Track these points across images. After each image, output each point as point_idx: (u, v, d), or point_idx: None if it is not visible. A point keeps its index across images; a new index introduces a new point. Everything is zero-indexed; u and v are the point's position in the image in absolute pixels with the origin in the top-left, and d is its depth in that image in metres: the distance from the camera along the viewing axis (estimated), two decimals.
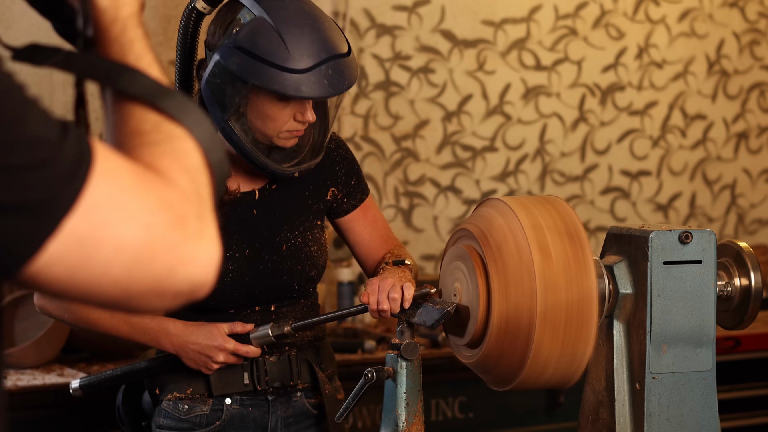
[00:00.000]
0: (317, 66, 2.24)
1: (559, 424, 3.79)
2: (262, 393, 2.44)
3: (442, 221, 4.46)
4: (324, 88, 2.25)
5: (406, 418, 2.20)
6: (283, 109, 2.29)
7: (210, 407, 2.42)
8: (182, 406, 2.41)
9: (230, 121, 2.28)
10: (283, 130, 2.31)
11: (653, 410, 2.02)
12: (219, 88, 2.27)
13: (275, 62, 2.22)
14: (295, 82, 2.22)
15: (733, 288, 2.10)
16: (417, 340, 2.22)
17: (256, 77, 2.22)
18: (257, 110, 2.29)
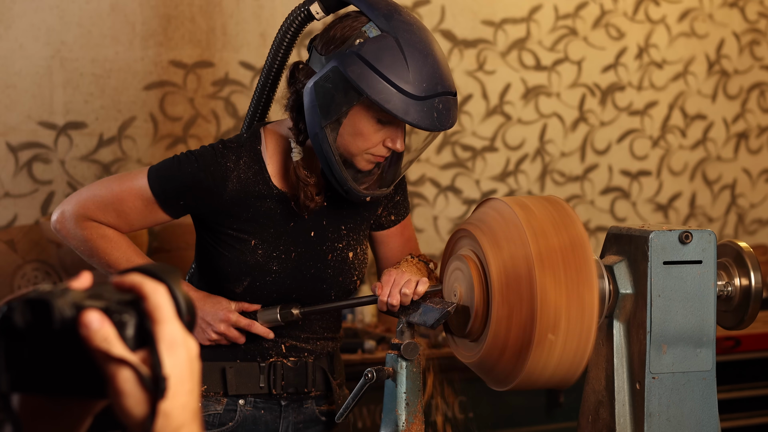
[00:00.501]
0: (432, 97, 2.25)
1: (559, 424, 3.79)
2: (276, 397, 2.44)
3: (442, 221, 4.46)
4: (432, 120, 2.25)
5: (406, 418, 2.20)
6: (378, 131, 2.28)
7: (224, 407, 2.41)
8: None
9: (326, 128, 2.26)
10: (368, 152, 2.30)
11: (653, 410, 2.02)
12: (328, 93, 2.25)
13: (394, 82, 2.21)
14: (407, 106, 2.22)
15: (733, 288, 2.10)
16: (416, 340, 2.23)
17: (372, 91, 2.21)
18: (352, 125, 2.27)
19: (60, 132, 3.85)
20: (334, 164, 2.28)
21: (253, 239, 2.36)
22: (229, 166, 2.34)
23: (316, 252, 2.41)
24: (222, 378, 2.40)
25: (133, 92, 3.93)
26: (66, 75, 3.85)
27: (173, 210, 2.37)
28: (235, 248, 2.36)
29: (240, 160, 2.35)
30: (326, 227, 2.42)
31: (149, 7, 3.92)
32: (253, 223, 2.36)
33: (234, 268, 2.36)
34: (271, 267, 2.36)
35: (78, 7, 3.85)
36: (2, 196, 3.80)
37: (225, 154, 2.35)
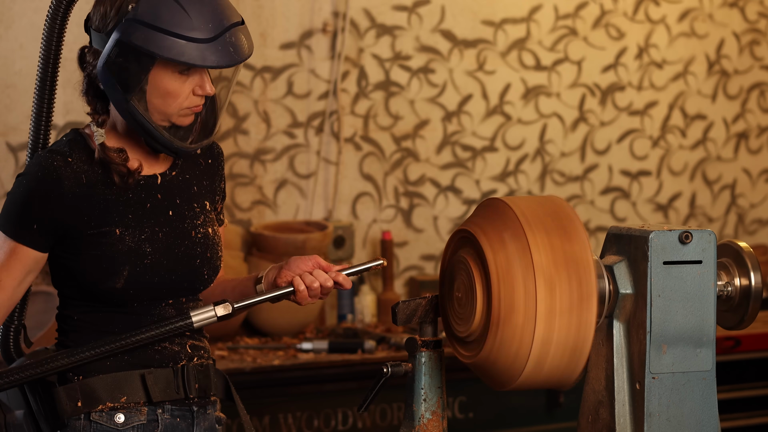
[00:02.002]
0: (221, 34, 2.21)
1: (559, 424, 3.79)
2: (188, 403, 2.36)
3: (442, 221, 4.46)
4: (230, 56, 2.22)
5: (422, 413, 2.19)
6: (183, 84, 2.25)
7: (146, 417, 2.32)
8: (119, 416, 2.30)
9: (133, 101, 2.23)
10: (183, 107, 2.27)
11: (653, 410, 2.02)
12: (122, 67, 2.21)
13: (181, 33, 2.18)
14: (202, 51, 2.20)
15: (733, 288, 2.10)
16: None
17: (163, 50, 2.18)
18: (157, 88, 2.24)
19: (60, 132, 3.85)
20: (153, 131, 2.25)
21: (117, 228, 2.29)
22: (57, 165, 2.26)
23: (181, 229, 2.35)
24: (143, 385, 2.31)
25: None
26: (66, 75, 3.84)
27: (33, 241, 2.27)
28: (102, 243, 2.28)
29: (68, 158, 2.27)
30: (181, 205, 2.37)
31: None
32: (110, 213, 2.29)
33: (108, 263, 2.28)
34: (144, 249, 2.29)
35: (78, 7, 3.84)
36: (2, 196, 3.80)
37: (50, 156, 2.27)
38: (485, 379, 2.10)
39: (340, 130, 4.26)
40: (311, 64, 4.24)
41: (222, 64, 2.22)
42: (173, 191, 2.37)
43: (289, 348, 3.75)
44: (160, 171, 2.37)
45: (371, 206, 4.34)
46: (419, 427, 2.20)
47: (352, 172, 4.31)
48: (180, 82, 2.25)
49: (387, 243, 4.23)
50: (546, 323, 1.95)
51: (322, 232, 4.00)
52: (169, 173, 2.38)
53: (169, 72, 2.23)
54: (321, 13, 4.24)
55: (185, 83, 2.25)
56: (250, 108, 4.13)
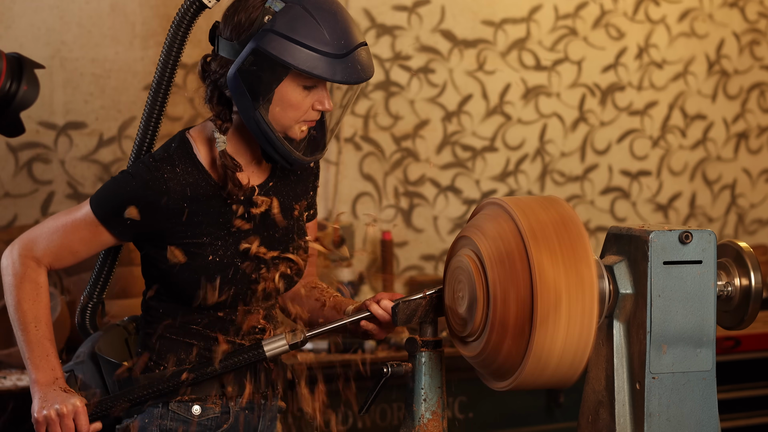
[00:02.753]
0: (351, 52, 2.27)
1: (559, 424, 3.79)
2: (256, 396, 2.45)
3: (442, 221, 4.46)
4: (357, 73, 2.28)
5: (422, 413, 2.20)
6: (306, 98, 2.31)
7: (220, 410, 2.40)
8: (196, 408, 2.39)
9: (261, 110, 2.29)
10: (300, 120, 2.32)
11: (653, 410, 2.02)
12: (254, 75, 2.28)
13: (315, 47, 2.24)
14: (333, 66, 2.25)
15: (733, 288, 2.10)
16: None
17: (297, 61, 2.24)
18: (281, 99, 2.30)
19: (60, 132, 3.85)
20: (275, 141, 2.30)
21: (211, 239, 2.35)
22: (165, 176, 2.34)
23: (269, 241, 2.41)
24: (219, 382, 2.40)
25: (133, 92, 3.93)
26: (66, 75, 3.85)
27: (119, 230, 2.36)
28: (197, 253, 2.35)
29: (176, 168, 2.35)
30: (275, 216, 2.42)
31: (149, 7, 3.92)
32: (206, 225, 2.35)
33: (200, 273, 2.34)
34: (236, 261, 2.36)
35: (78, 7, 3.85)
36: (2, 196, 3.80)
37: (158, 166, 2.35)
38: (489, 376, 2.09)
39: (340, 130, 4.26)
40: None
41: (350, 81, 2.27)
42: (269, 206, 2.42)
43: None
44: (258, 182, 2.43)
45: (371, 206, 4.34)
46: (419, 427, 2.20)
47: (352, 172, 4.32)
48: (303, 96, 2.30)
49: (387, 243, 4.23)
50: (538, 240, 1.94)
51: (321, 232, 4.00)
52: (266, 184, 2.43)
53: (295, 85, 2.29)
54: None
55: (307, 97, 2.31)
56: None
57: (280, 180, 2.45)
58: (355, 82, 2.28)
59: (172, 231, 2.35)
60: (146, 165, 2.36)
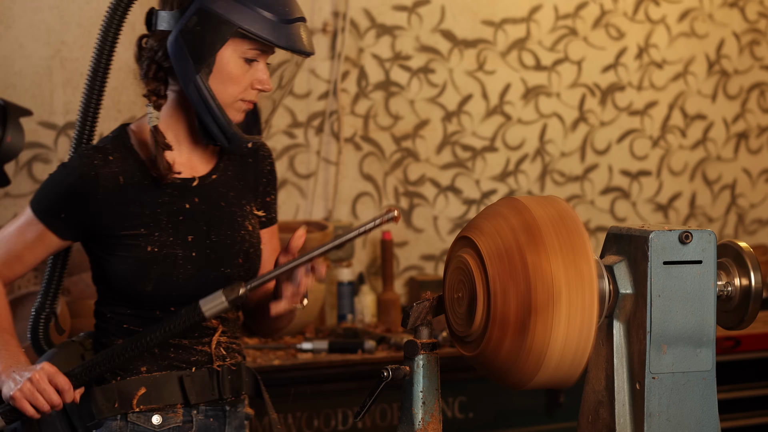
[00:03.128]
0: (295, 21, 2.24)
1: (559, 424, 3.79)
2: (221, 403, 2.38)
3: (442, 221, 4.46)
4: (302, 43, 2.24)
5: (422, 416, 2.19)
6: (246, 73, 2.26)
7: (182, 419, 2.34)
8: (156, 417, 2.32)
9: (201, 75, 2.24)
10: (238, 98, 2.27)
11: (653, 410, 2.02)
12: (198, 35, 2.23)
13: (261, 10, 2.21)
14: (278, 32, 2.21)
15: (733, 288, 2.10)
16: None
17: (244, 20, 2.20)
18: (220, 71, 2.25)
19: (60, 132, 3.85)
20: (215, 110, 2.25)
21: (149, 230, 2.29)
22: (97, 164, 2.28)
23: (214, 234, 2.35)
24: (180, 387, 2.32)
25: (133, 92, 3.92)
26: (66, 75, 3.85)
27: (59, 228, 2.31)
28: (133, 245, 2.28)
29: (109, 156, 2.29)
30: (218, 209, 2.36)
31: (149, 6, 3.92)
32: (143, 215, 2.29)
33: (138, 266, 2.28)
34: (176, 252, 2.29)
35: (78, 7, 3.85)
36: (2, 196, 3.80)
37: (91, 154, 2.29)
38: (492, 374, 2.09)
39: (340, 130, 4.26)
40: (311, 64, 4.23)
41: (296, 48, 2.24)
42: (211, 194, 2.36)
43: (289, 348, 3.75)
44: (200, 174, 2.37)
45: (371, 206, 4.34)
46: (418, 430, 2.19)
47: (352, 172, 4.32)
48: (243, 70, 2.26)
49: (387, 243, 4.23)
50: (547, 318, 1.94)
51: (322, 232, 4.00)
52: (208, 176, 2.38)
53: (236, 56, 2.24)
54: (321, 13, 4.24)
55: (247, 73, 2.26)
56: None
57: (224, 174, 2.39)
58: (301, 50, 2.24)
59: (108, 223, 2.29)
60: (80, 153, 2.30)
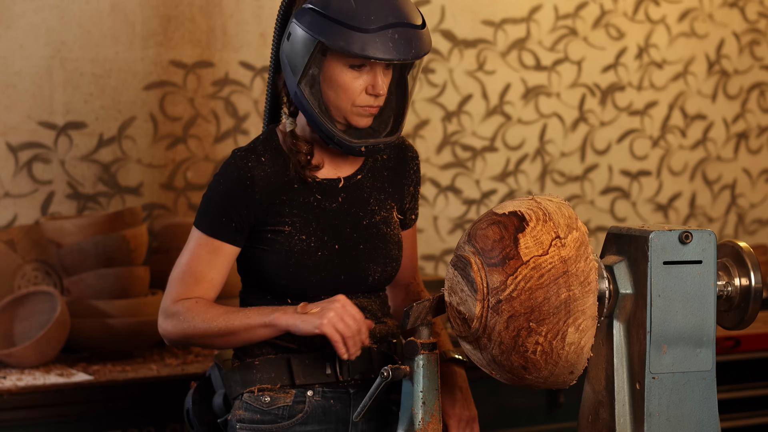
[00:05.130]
0: (384, 29, 2.27)
1: (559, 424, 3.79)
2: (344, 386, 2.43)
3: (442, 221, 4.46)
4: (389, 51, 2.28)
5: (422, 416, 2.19)
6: (356, 80, 2.32)
7: (293, 399, 2.40)
8: (264, 398, 2.39)
9: (301, 85, 2.32)
10: (356, 104, 2.33)
11: (653, 410, 2.02)
12: (292, 51, 2.32)
13: (342, 20, 2.26)
14: (360, 41, 2.26)
15: (733, 288, 2.10)
16: None
17: (322, 34, 2.27)
18: (330, 79, 2.32)
19: (60, 132, 3.85)
20: (317, 118, 2.33)
21: (291, 227, 2.39)
22: (251, 165, 2.37)
23: (353, 233, 2.44)
24: (288, 369, 2.40)
25: (133, 92, 3.93)
26: (66, 75, 3.85)
27: (230, 235, 2.38)
28: (275, 240, 2.38)
29: (261, 158, 2.39)
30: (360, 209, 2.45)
31: (149, 7, 3.92)
32: (288, 213, 2.39)
33: (277, 259, 2.37)
34: (312, 250, 2.38)
35: (78, 7, 3.85)
36: (2, 196, 3.80)
37: (244, 156, 2.39)
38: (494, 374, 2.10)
39: None
40: None
41: (378, 56, 2.27)
42: (355, 195, 2.46)
43: None
44: (345, 174, 2.46)
45: None
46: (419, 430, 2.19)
47: None
48: (352, 77, 2.32)
49: None
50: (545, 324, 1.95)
51: None
52: (354, 176, 2.46)
53: (341, 64, 2.31)
54: None
55: (358, 79, 2.33)
56: (250, 108, 4.12)
57: (369, 174, 2.48)
58: (383, 58, 2.27)
59: (260, 219, 2.38)
60: (233, 159, 2.39)
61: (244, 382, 2.41)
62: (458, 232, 4.43)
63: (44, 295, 3.41)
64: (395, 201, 2.55)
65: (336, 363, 2.41)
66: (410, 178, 2.61)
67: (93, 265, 3.47)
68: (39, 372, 3.26)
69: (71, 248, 3.47)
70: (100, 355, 3.47)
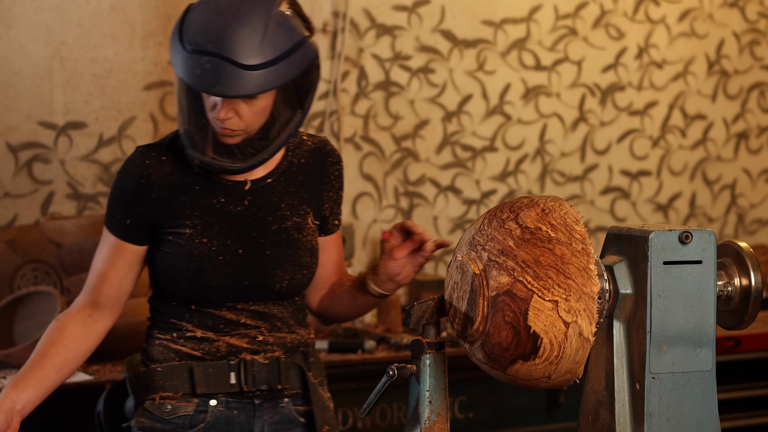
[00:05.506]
0: (198, 53, 2.19)
1: (559, 424, 3.79)
2: (249, 396, 2.37)
3: (442, 221, 4.46)
4: (194, 77, 2.19)
5: (428, 416, 2.19)
6: (206, 100, 2.27)
7: (194, 408, 2.34)
8: (166, 406, 2.33)
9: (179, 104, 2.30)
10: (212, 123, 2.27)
11: (653, 410, 2.02)
12: None
13: (179, 33, 2.23)
14: (178, 58, 2.22)
15: (733, 288, 2.10)
16: None
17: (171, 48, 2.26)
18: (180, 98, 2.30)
19: (60, 132, 3.85)
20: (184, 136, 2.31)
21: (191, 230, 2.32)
22: (148, 164, 2.31)
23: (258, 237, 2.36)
24: (190, 377, 2.33)
25: (133, 92, 3.93)
26: (66, 75, 3.85)
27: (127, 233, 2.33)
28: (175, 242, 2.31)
29: (162, 156, 2.33)
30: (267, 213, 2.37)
31: (149, 7, 3.92)
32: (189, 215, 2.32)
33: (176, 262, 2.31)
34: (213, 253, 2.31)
35: (78, 7, 3.85)
36: (2, 196, 3.80)
37: (144, 153, 2.34)
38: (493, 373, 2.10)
39: (340, 130, 4.26)
40: None
41: (185, 80, 2.21)
42: (262, 198, 2.37)
43: None
44: (254, 177, 2.38)
45: (371, 206, 4.35)
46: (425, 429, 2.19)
47: (352, 172, 4.31)
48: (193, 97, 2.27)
49: None
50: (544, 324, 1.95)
51: None
52: (263, 180, 2.38)
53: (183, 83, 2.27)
54: (321, 13, 4.24)
55: (207, 100, 2.27)
56: None
57: (282, 178, 2.40)
58: (188, 82, 2.20)
59: (157, 218, 2.32)
60: (133, 154, 2.35)
61: (147, 388, 2.35)
62: (458, 232, 4.43)
63: (44, 295, 3.41)
64: (311, 207, 2.42)
65: (240, 372, 2.34)
66: (330, 184, 2.46)
67: None
68: None
69: (71, 248, 3.47)
70: (100, 355, 3.46)
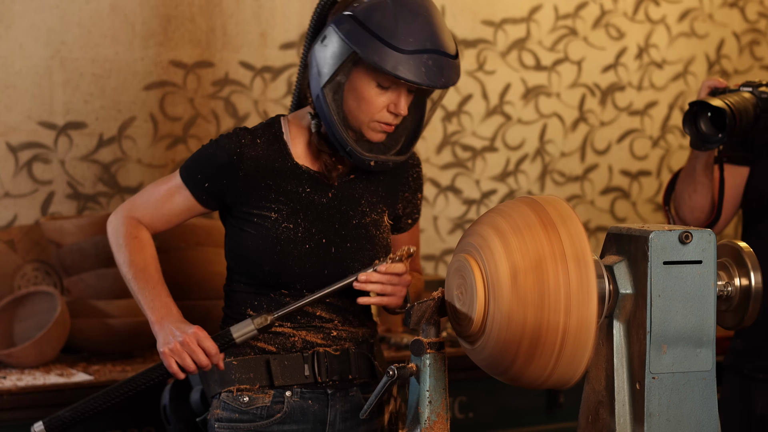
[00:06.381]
0: (419, 52, 2.29)
1: (559, 424, 3.79)
2: (322, 386, 2.47)
3: (442, 221, 4.46)
4: (421, 75, 2.29)
5: (428, 415, 2.19)
6: (380, 96, 2.35)
7: (271, 399, 2.44)
8: (243, 397, 2.43)
9: (325, 89, 2.35)
10: (374, 119, 2.36)
11: (653, 410, 2.02)
12: (324, 54, 2.34)
13: (381, 36, 2.28)
14: (395, 60, 2.28)
15: (733, 288, 2.10)
16: None
17: (359, 46, 2.29)
18: (355, 90, 2.35)
19: (60, 132, 3.85)
20: (334, 124, 2.36)
21: (277, 214, 2.42)
22: (243, 143, 2.42)
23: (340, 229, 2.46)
24: (267, 370, 2.43)
25: (133, 92, 3.93)
26: (66, 75, 3.85)
27: (200, 195, 2.45)
28: (261, 225, 2.41)
29: (257, 140, 2.43)
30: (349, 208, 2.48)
31: (149, 7, 3.92)
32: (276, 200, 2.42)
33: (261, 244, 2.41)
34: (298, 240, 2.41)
35: (78, 7, 3.85)
36: (2, 196, 3.80)
37: (241, 133, 2.44)
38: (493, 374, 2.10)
39: None
40: None
41: (409, 79, 2.30)
42: (345, 192, 2.48)
43: None
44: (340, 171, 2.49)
45: None
46: (425, 429, 2.19)
47: None
48: (377, 92, 2.35)
49: None
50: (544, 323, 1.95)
51: None
52: (347, 175, 2.50)
53: (369, 78, 2.34)
54: None
55: (381, 96, 2.35)
56: (250, 108, 4.13)
57: (363, 176, 2.50)
58: (414, 81, 2.30)
59: (244, 199, 2.42)
60: (233, 132, 2.45)
61: (222, 381, 2.45)
62: (458, 232, 4.43)
63: (44, 295, 3.41)
64: (387, 206, 2.56)
65: (314, 364, 2.45)
66: (407, 185, 2.61)
67: (93, 265, 3.47)
68: (39, 372, 3.26)
69: (71, 248, 3.47)
70: (100, 355, 3.47)
